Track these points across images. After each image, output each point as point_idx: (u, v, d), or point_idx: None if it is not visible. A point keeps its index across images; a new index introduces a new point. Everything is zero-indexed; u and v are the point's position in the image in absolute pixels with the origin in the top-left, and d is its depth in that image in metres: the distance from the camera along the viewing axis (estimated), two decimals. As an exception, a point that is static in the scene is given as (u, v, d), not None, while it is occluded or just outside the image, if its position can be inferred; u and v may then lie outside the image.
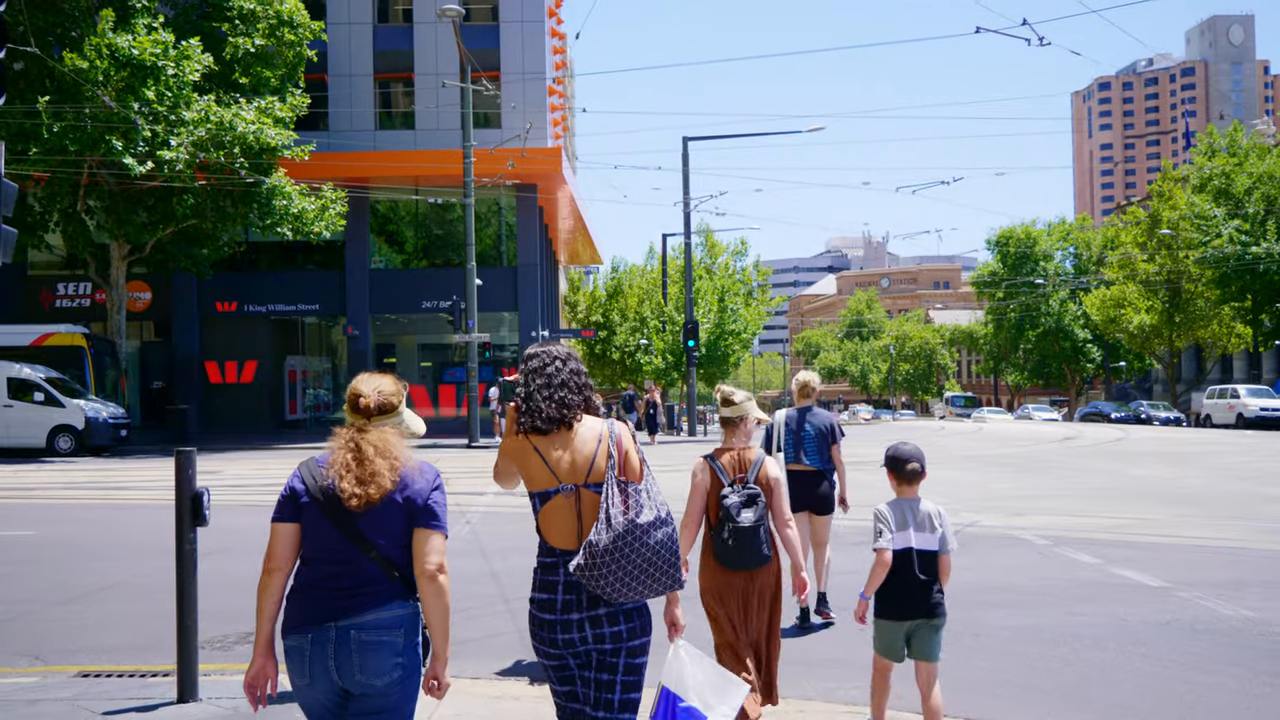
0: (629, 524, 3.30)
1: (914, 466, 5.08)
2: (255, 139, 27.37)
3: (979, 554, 10.92)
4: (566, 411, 3.50)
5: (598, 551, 3.28)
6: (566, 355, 3.65)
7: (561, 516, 3.47)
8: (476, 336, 31.62)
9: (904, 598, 4.98)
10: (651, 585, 3.36)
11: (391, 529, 3.22)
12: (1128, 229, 64.70)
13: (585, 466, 3.45)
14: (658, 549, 3.33)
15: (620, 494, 3.38)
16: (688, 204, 39.04)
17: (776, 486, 5.10)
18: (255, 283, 38.12)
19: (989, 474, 20.55)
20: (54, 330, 30.08)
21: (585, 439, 3.49)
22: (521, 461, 3.54)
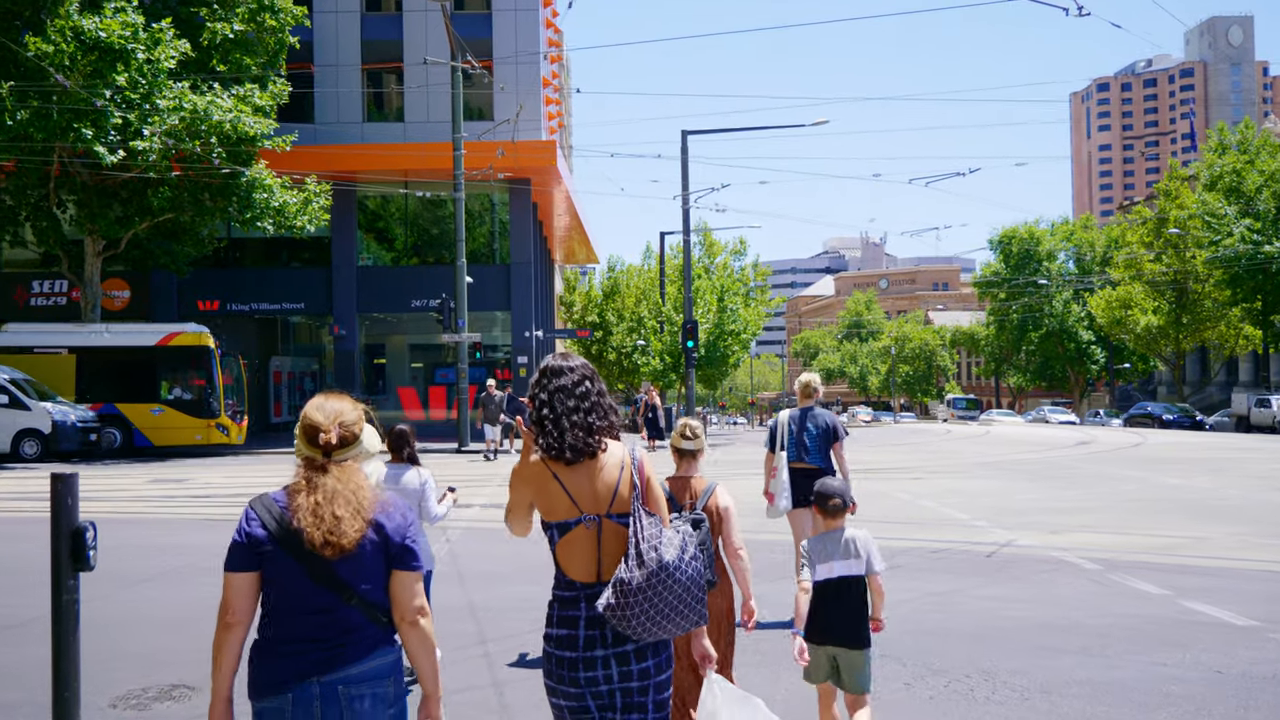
0: (660, 560, 3.12)
1: (836, 502, 5.19)
2: (232, 128, 26.03)
3: (1028, 582, 9.60)
4: (595, 439, 3.27)
5: (630, 590, 3.09)
6: (593, 374, 3.39)
7: (582, 548, 3.25)
8: (467, 336, 30.30)
9: (826, 623, 5.00)
10: (680, 623, 3.18)
11: (372, 572, 2.97)
12: (1133, 228, 63.50)
13: (608, 496, 3.25)
14: (689, 585, 3.16)
15: (649, 527, 3.18)
16: (686, 200, 37.73)
17: (727, 515, 5.16)
18: (238, 280, 36.79)
19: (1009, 483, 19.26)
20: (180, 329, 28.86)
21: (608, 466, 3.28)
22: (539, 490, 3.29)
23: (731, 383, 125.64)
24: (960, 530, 12.87)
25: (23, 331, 28.94)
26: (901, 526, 13.18)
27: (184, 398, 28.38)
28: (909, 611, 8.42)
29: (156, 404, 28.28)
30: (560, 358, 3.43)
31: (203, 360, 28.22)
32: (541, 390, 3.33)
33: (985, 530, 12.84)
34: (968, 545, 11.65)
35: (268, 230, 28.94)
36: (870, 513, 14.40)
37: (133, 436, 28.08)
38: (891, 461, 25.15)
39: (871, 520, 13.64)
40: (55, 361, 28.00)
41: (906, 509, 15.01)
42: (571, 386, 3.32)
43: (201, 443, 28.21)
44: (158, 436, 28.24)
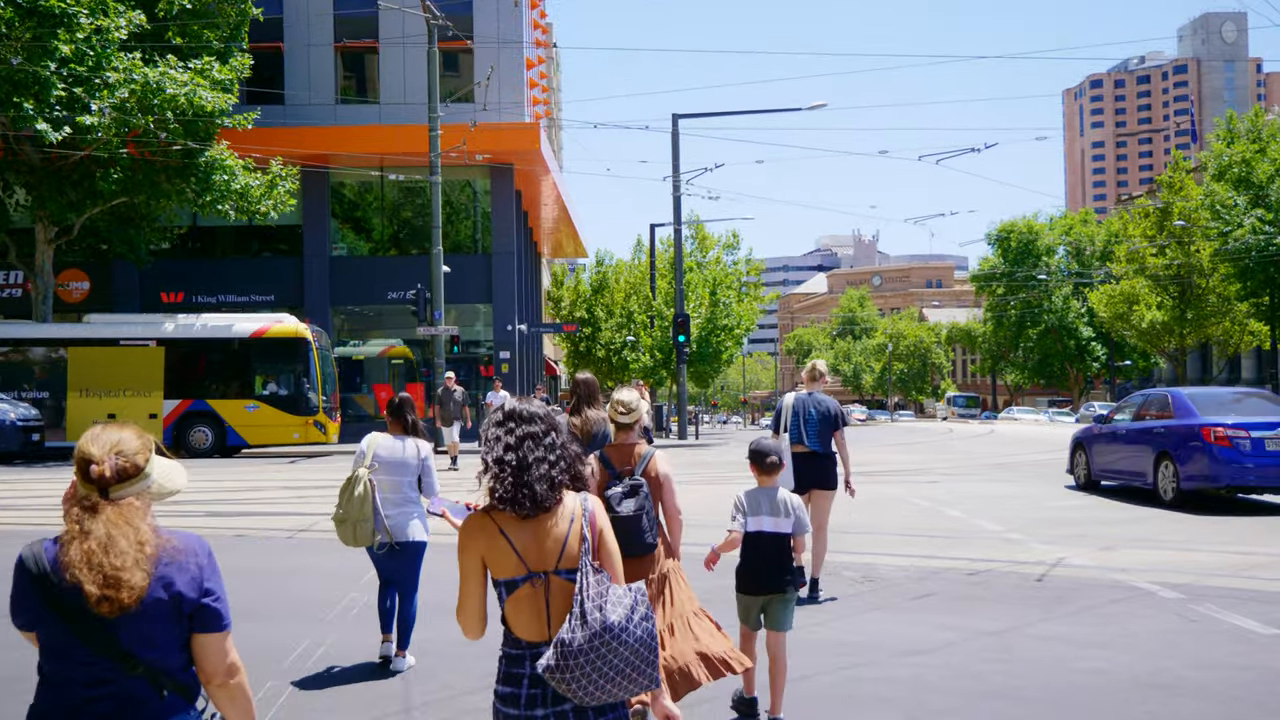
0: (604, 621, 2.90)
1: (773, 460, 5.58)
2: (187, 102, 24.11)
3: (1097, 616, 7.77)
4: (554, 494, 3.04)
5: (570, 652, 2.88)
6: (556, 424, 3.14)
7: (529, 607, 3.02)
8: (444, 329, 28.42)
9: (758, 575, 5.50)
10: (627, 687, 2.94)
11: (161, 635, 2.53)
12: (1136, 221, 61.81)
13: (556, 551, 3.02)
14: (637, 648, 2.92)
15: (595, 585, 2.96)
16: (678, 186, 35.92)
17: (667, 482, 5.37)
18: (205, 271, 34.85)
19: (1032, 487, 17.45)
20: (276, 321, 27.18)
21: (558, 519, 3.04)
22: (488, 548, 3.03)
23: (724, 381, 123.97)
24: (996, 545, 11.05)
25: (107, 322, 27.26)
26: (929, 541, 11.34)
27: (280, 393, 26.81)
28: (961, 661, 6.61)
29: (251, 400, 26.64)
30: (524, 403, 3.18)
31: (300, 353, 26.58)
32: (508, 435, 3.08)
33: (1025, 545, 11.03)
34: (1011, 565, 9.83)
35: (229, 215, 27.03)
36: (891, 523, 12.60)
37: (225, 435, 26.44)
38: (900, 462, 23.35)
39: (895, 533, 11.86)
40: (142, 355, 26.28)
41: (930, 519, 13.18)
42: (540, 435, 3.09)
43: (299, 441, 26.58)
44: (252, 435, 26.62)
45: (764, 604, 5.50)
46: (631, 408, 5.48)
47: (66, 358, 26.22)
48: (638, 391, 5.67)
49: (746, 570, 5.52)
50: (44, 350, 26.75)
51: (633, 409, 5.48)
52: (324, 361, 27.30)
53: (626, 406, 5.48)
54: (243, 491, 17.01)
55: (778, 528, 5.47)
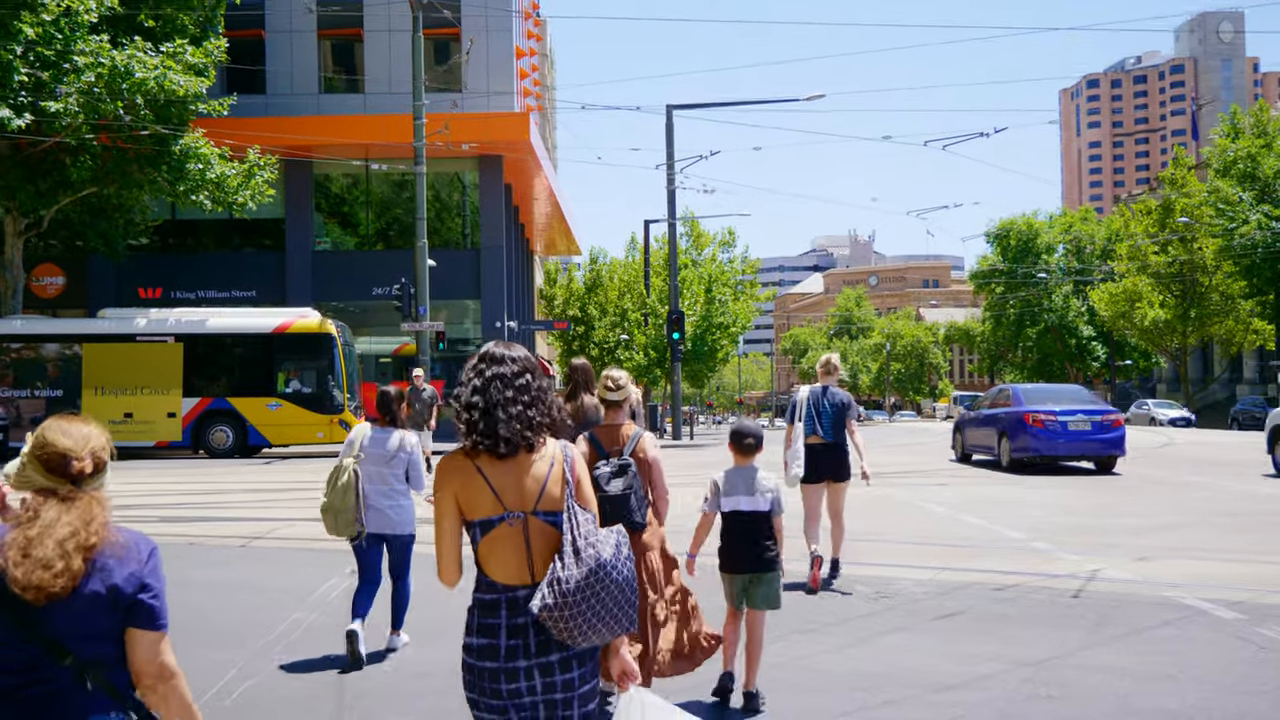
0: (598, 557, 2.89)
1: (750, 440, 5.66)
2: (158, 86, 23.03)
3: (1149, 641, 6.73)
4: (531, 434, 3.02)
5: (569, 590, 2.84)
6: (535, 368, 3.10)
7: (507, 548, 2.97)
8: (429, 325, 27.34)
9: (736, 554, 5.56)
10: (615, 626, 2.93)
11: (91, 627, 2.50)
12: (1138, 219, 60.85)
13: (535, 492, 2.99)
14: (624, 586, 2.93)
15: (585, 523, 2.96)
16: (672, 180, 34.87)
17: (656, 465, 5.41)
18: (184, 266, 33.76)
19: (1052, 490, 16.38)
20: (300, 315, 26.17)
21: (538, 461, 3.03)
22: (463, 485, 3.00)
23: (719, 381, 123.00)
24: (1023, 556, 10.01)
25: (123, 316, 26.08)
26: (949, 552, 10.29)
27: (303, 391, 25.79)
28: (1002, 695, 5.58)
29: (273, 398, 25.58)
30: (501, 345, 3.12)
31: (324, 349, 25.53)
32: (477, 376, 3.04)
33: (1053, 555, 9.98)
34: (1041, 579, 8.79)
35: (205, 205, 25.92)
36: (904, 530, 11.55)
37: (247, 434, 25.40)
38: (906, 464, 22.28)
39: (909, 541, 10.81)
40: (160, 351, 25.26)
41: (945, 525, 12.12)
42: (511, 376, 3.04)
43: (324, 441, 25.44)
44: (275, 434, 25.62)
45: (745, 583, 5.55)
46: (621, 384, 5.48)
47: (81, 354, 25.17)
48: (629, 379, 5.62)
49: (725, 550, 5.62)
50: (57, 346, 25.65)
51: (622, 386, 5.48)
52: (349, 358, 26.29)
53: (616, 383, 5.47)
54: (205, 494, 15.94)
55: (754, 506, 5.55)
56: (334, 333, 25.67)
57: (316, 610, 7.80)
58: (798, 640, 6.88)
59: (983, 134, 23.94)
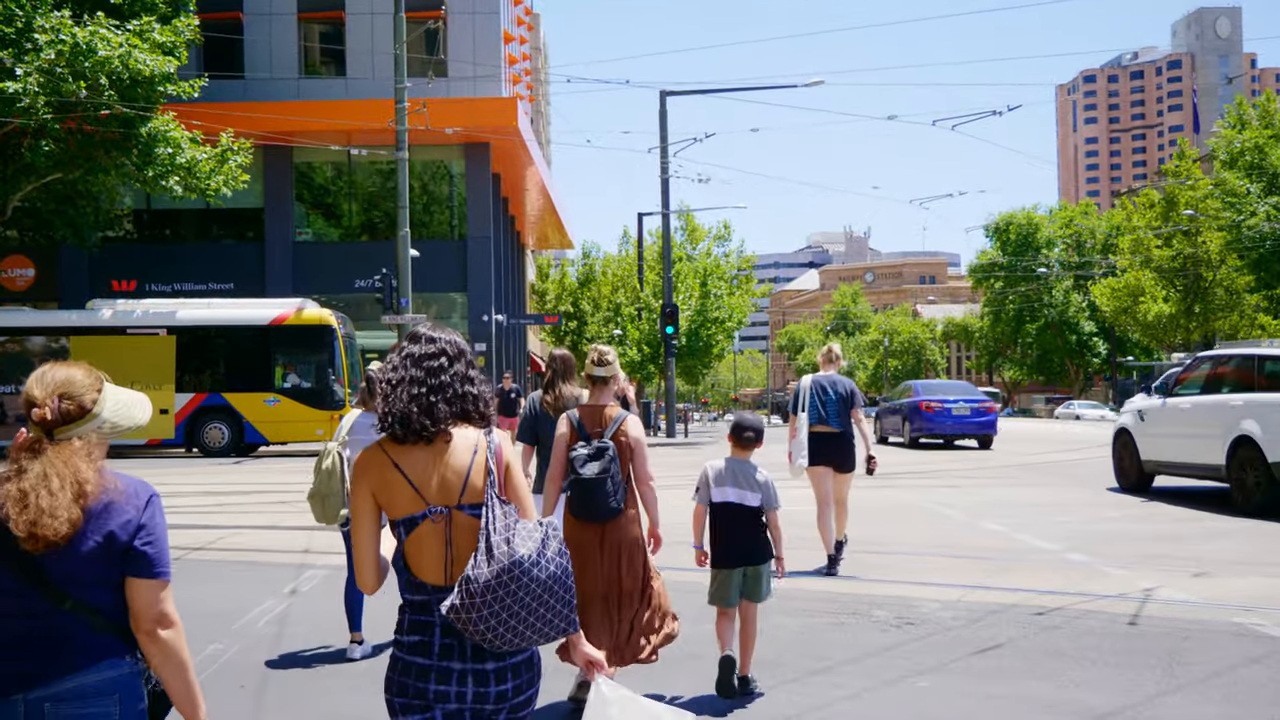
0: (512, 555, 2.66)
1: (750, 434, 5.55)
2: (122, 64, 21.78)
3: (1245, 685, 5.55)
4: (430, 424, 2.78)
5: (476, 589, 2.63)
6: (460, 353, 2.89)
7: (430, 545, 2.78)
8: (410, 317, 26.09)
9: (726, 547, 5.44)
10: (542, 630, 2.71)
11: (90, 573, 2.51)
12: (1141, 212, 59.73)
13: (458, 484, 2.79)
14: (550, 585, 2.69)
15: (502, 517, 2.72)
16: (665, 168, 33.66)
17: (639, 447, 5.21)
18: (160, 257, 32.53)
19: (1075, 492, 15.21)
20: (298, 307, 24.91)
21: (458, 450, 2.81)
22: (380, 481, 2.79)
23: (715, 378, 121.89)
24: (1060, 571, 8.83)
25: (113, 308, 24.89)
26: (974, 565, 9.10)
27: (302, 386, 24.63)
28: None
29: (270, 393, 24.38)
30: (428, 326, 2.95)
31: (324, 342, 24.35)
32: (396, 355, 2.89)
33: (1094, 570, 8.81)
34: (1088, 600, 7.61)
35: (175, 191, 24.63)
36: (922, 539, 10.36)
37: (243, 432, 24.21)
38: (914, 463, 21.07)
39: (928, 552, 9.62)
40: (152, 345, 24.06)
41: (966, 534, 10.94)
42: (422, 357, 2.85)
43: (324, 438, 23.99)
44: (273, 431, 24.46)
45: (736, 577, 5.45)
46: (608, 359, 5.29)
47: (69, 348, 23.95)
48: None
49: (716, 543, 5.49)
50: (43, 340, 24.49)
51: (609, 361, 5.29)
52: (350, 351, 25.12)
53: (603, 357, 5.28)
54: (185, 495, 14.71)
55: (743, 499, 5.44)
56: (334, 324, 24.52)
57: (238, 641, 6.60)
58: (812, 683, 5.71)
59: (995, 112, 22.70)
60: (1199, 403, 13.38)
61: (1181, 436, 13.61)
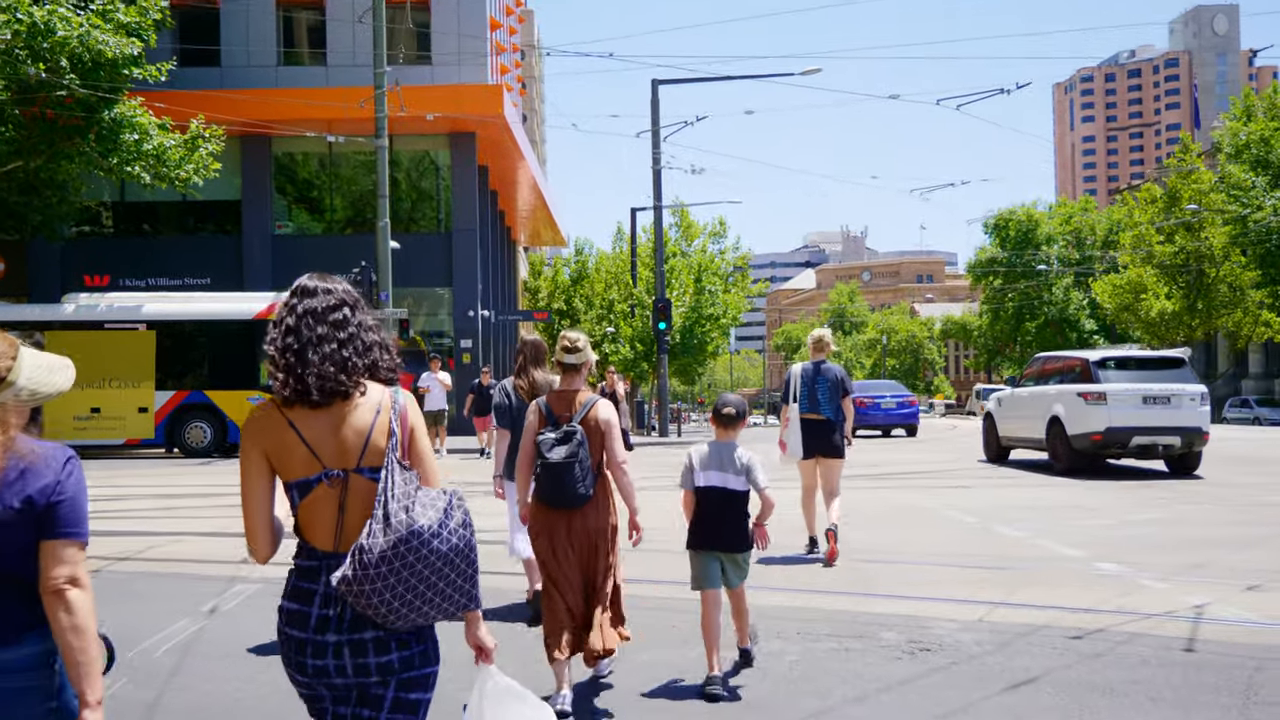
0: (411, 524, 2.48)
1: (729, 411, 5.44)
2: (80, 45, 20.70)
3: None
4: (347, 379, 2.64)
5: (370, 560, 2.46)
6: (358, 301, 2.77)
7: (324, 510, 2.64)
8: (391, 312, 25.04)
9: (707, 530, 5.32)
10: (440, 605, 2.54)
11: (10, 542, 2.44)
12: (1143, 208, 58.73)
13: (358, 446, 2.63)
14: (452, 558, 2.51)
15: (402, 483, 2.55)
16: (658, 159, 32.58)
17: (610, 430, 5.05)
18: (133, 251, 31.38)
19: (1091, 492, 14.14)
20: (283, 300, 23.52)
21: (360, 410, 2.65)
22: (275, 444, 2.64)
23: (710, 377, 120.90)
24: (1091, 583, 7.77)
25: (90, 302, 23.74)
26: (993, 576, 8.03)
27: None
28: None
29: (255, 391, 23.05)
30: (316, 277, 2.77)
31: None
32: (289, 314, 2.71)
33: (1130, 582, 7.75)
34: (1130, 619, 6.56)
35: (143, 180, 23.54)
36: (933, 547, 9.29)
37: (226, 431, 23.07)
38: (916, 461, 20.00)
39: (941, 562, 8.55)
40: (131, 340, 22.90)
41: (981, 540, 9.87)
42: (324, 310, 2.69)
43: None
44: None
45: (720, 560, 5.35)
46: (578, 346, 5.15)
47: (43, 343, 22.64)
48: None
49: (697, 525, 5.40)
50: (16, 335, 23.25)
51: (579, 348, 5.14)
52: None
53: (573, 344, 5.14)
54: (101, 500, 13.64)
55: (726, 484, 5.35)
56: None
57: (125, 676, 5.52)
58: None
59: (1003, 90, 21.55)
60: (1032, 392, 17.89)
61: (1021, 418, 18.18)
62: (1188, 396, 15.97)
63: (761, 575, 7.72)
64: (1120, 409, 15.74)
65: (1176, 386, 16.09)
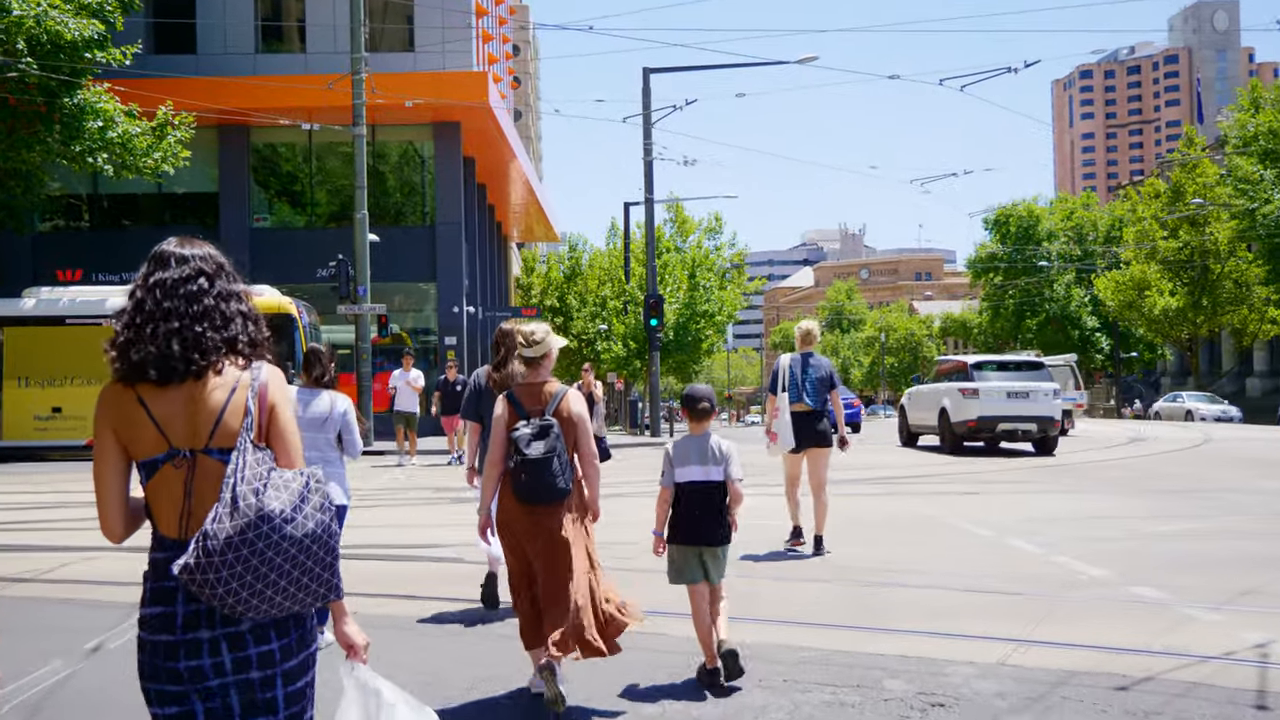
0: (260, 508, 2.34)
1: (704, 405, 5.41)
2: (37, 24, 19.65)
3: None
4: (200, 356, 2.49)
5: (215, 547, 2.31)
6: (219, 269, 2.60)
7: (170, 493, 2.47)
8: (369, 307, 24.08)
9: (690, 525, 5.28)
10: (296, 595, 2.38)
11: None
12: (1146, 202, 57.70)
13: (209, 425, 2.47)
14: (308, 545, 2.36)
15: (254, 465, 2.40)
16: (649, 150, 31.50)
17: (581, 423, 4.98)
18: (107, 244, 30.29)
19: (1110, 498, 13.08)
20: (256, 294, 22.20)
21: (216, 387, 2.49)
22: (122, 419, 2.49)
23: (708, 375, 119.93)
24: (1126, 611, 6.71)
25: (51, 296, 22.64)
26: (1012, 605, 6.96)
27: None
28: None
29: None
30: (177, 242, 2.61)
31: (284, 332, 21.90)
32: (139, 285, 2.54)
33: (1173, 612, 6.68)
34: (1181, 663, 5.50)
35: (107, 170, 22.51)
36: (943, 566, 8.19)
37: None
38: (920, 466, 18.94)
39: (952, 586, 7.45)
40: (95, 336, 21.37)
41: (997, 558, 8.79)
42: (176, 282, 2.51)
43: None
44: None
45: (701, 555, 5.31)
46: (537, 339, 5.03)
47: (1, 339, 21.81)
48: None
49: (678, 520, 5.35)
50: None
51: (539, 340, 5.03)
52: (312, 341, 22.81)
53: (530, 338, 5.03)
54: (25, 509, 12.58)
55: (707, 476, 5.32)
56: (295, 312, 22.29)
57: None
58: None
59: (1010, 69, 20.47)
60: (931, 388, 22.37)
61: (922, 409, 22.51)
62: (1043, 392, 20.02)
63: (750, 601, 6.67)
64: (989, 401, 19.95)
65: (1034, 384, 20.10)
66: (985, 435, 20.13)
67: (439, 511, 12.56)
